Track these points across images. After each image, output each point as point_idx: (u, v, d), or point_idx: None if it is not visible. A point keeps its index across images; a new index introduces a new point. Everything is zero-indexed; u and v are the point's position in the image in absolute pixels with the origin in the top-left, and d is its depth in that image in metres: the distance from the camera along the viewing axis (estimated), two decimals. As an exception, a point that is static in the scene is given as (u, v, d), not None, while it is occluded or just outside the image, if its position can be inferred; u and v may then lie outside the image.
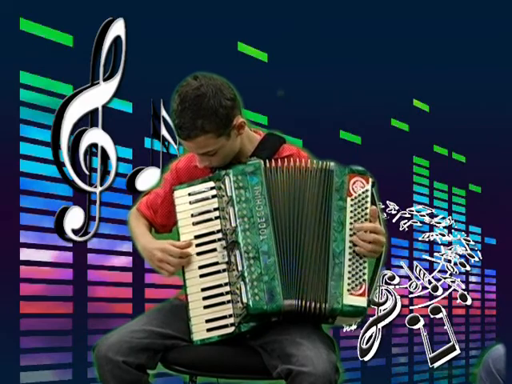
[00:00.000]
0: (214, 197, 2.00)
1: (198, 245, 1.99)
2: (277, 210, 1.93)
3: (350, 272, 1.89)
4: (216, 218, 1.99)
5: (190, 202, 2.01)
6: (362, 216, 1.93)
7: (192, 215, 2.01)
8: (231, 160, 2.03)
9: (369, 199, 1.94)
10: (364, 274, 1.91)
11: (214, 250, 1.97)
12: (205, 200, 2.00)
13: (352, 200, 1.93)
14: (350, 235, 1.91)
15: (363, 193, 1.94)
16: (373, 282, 1.94)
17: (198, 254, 1.99)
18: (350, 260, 1.90)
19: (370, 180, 1.95)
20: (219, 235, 1.97)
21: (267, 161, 1.97)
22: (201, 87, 1.91)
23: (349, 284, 1.89)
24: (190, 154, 2.14)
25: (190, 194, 2.02)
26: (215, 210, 1.99)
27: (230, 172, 1.95)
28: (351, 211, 1.92)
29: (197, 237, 2.00)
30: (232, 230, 1.91)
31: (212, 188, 2.00)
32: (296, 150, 2.11)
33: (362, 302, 1.89)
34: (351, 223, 1.91)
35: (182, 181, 2.12)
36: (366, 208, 1.93)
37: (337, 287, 1.88)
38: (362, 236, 1.90)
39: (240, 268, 1.88)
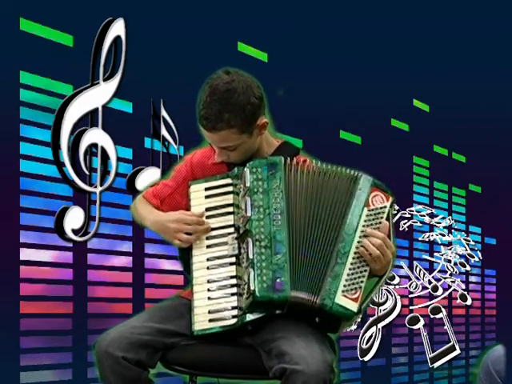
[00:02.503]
0: (229, 193, 2.00)
1: (208, 238, 2.00)
2: (292, 205, 1.93)
3: (348, 275, 1.89)
4: (229, 213, 2.00)
5: (206, 197, 2.02)
6: (374, 228, 1.94)
7: (206, 209, 2.01)
8: (248, 159, 2.03)
9: (384, 215, 1.95)
10: (362, 281, 1.91)
11: (225, 243, 1.98)
12: (220, 195, 2.02)
13: (369, 211, 1.94)
14: (359, 241, 1.91)
15: (381, 208, 1.95)
16: (369, 294, 1.95)
17: (208, 246, 2.00)
18: (352, 264, 1.90)
19: (391, 198, 1.97)
20: (231, 229, 1.98)
21: (288, 158, 1.99)
22: (232, 82, 1.94)
23: (345, 286, 1.89)
24: (205, 149, 2.15)
25: (206, 189, 2.03)
26: (229, 205, 2.00)
27: (250, 164, 1.96)
28: (365, 221, 1.93)
29: (208, 230, 2.00)
30: (246, 219, 1.92)
31: (229, 184, 2.01)
32: (308, 160, 2.13)
33: (352, 306, 1.89)
34: (362, 231, 1.92)
35: (195, 175, 2.13)
36: (380, 223, 1.94)
37: (332, 285, 1.88)
38: (371, 240, 1.91)
39: (250, 256, 1.88)
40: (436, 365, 4.50)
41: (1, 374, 2.88)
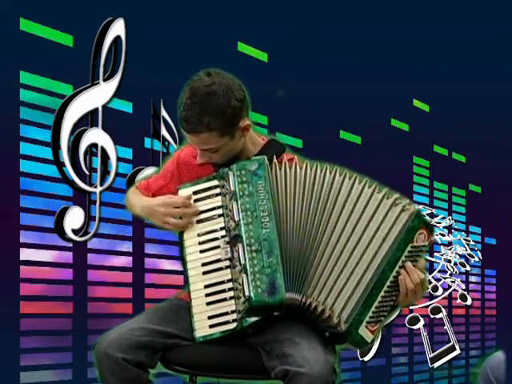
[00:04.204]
0: (217, 195, 2.00)
1: (201, 242, 1.99)
2: (280, 205, 1.93)
3: (377, 307, 1.90)
4: (219, 215, 1.99)
5: (194, 201, 2.02)
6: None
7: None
8: (232, 159, 2.03)
9: (422, 254, 1.95)
10: (384, 316, 1.92)
11: (218, 247, 1.98)
12: (209, 198, 2.01)
13: (411, 247, 1.92)
14: (394, 277, 1.91)
15: (422, 246, 1.94)
16: (382, 323, 1.95)
17: (202, 251, 1.99)
18: (382, 297, 1.90)
19: (431, 238, 1.96)
20: (222, 232, 1.97)
21: (274, 156, 1.98)
22: (212, 85, 1.92)
23: (370, 317, 1.89)
24: (192, 147, 2.14)
25: (194, 193, 2.02)
26: (219, 207, 1.99)
27: (233, 167, 1.95)
28: (406, 256, 1.92)
29: (200, 235, 2.00)
30: (235, 224, 1.92)
31: (216, 186, 2.00)
32: (295, 157, 2.12)
33: (369, 338, 1.90)
34: (400, 266, 1.91)
35: (181, 172, 2.13)
36: (417, 261, 1.94)
37: (361, 315, 1.88)
38: (412, 276, 1.91)
39: (242, 261, 1.88)
40: (436, 365, 4.50)
41: (1, 374, 2.88)
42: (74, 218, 3.14)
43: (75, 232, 3.14)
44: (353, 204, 1.93)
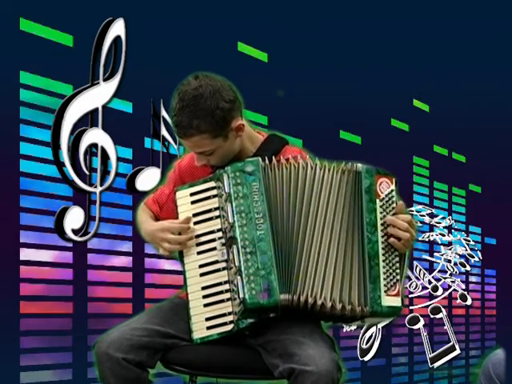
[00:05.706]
0: (214, 196, 2.00)
1: (198, 244, 2.00)
2: (274, 206, 1.92)
3: (384, 273, 1.89)
4: (216, 217, 1.99)
5: (192, 202, 2.02)
6: (391, 215, 1.93)
7: (193, 215, 2.01)
8: (231, 160, 2.03)
9: (395, 199, 1.95)
10: (397, 273, 1.91)
11: (214, 248, 1.98)
12: (206, 200, 2.01)
13: (380, 201, 1.93)
14: (382, 236, 1.91)
15: (389, 193, 1.94)
16: (401, 280, 1.94)
17: (199, 252, 2.00)
18: (383, 261, 1.90)
19: (394, 179, 1.97)
20: (219, 234, 1.98)
21: (266, 158, 1.97)
22: (199, 88, 1.93)
23: (385, 285, 1.89)
24: (192, 153, 2.15)
25: (191, 194, 2.03)
26: (216, 209, 1.99)
27: (228, 169, 1.95)
28: (380, 212, 1.92)
29: (197, 236, 2.00)
30: (230, 226, 1.92)
31: (213, 188, 2.00)
32: (298, 152, 2.11)
33: (397, 302, 1.90)
34: (382, 224, 1.91)
35: (184, 180, 2.14)
36: (393, 208, 1.93)
37: (375, 290, 1.88)
38: (398, 223, 1.90)
39: (237, 263, 1.88)
40: (436, 365, 4.50)
41: (1, 373, 2.88)
42: (74, 217, 3.14)
43: (75, 232, 3.14)
44: (325, 194, 1.93)
